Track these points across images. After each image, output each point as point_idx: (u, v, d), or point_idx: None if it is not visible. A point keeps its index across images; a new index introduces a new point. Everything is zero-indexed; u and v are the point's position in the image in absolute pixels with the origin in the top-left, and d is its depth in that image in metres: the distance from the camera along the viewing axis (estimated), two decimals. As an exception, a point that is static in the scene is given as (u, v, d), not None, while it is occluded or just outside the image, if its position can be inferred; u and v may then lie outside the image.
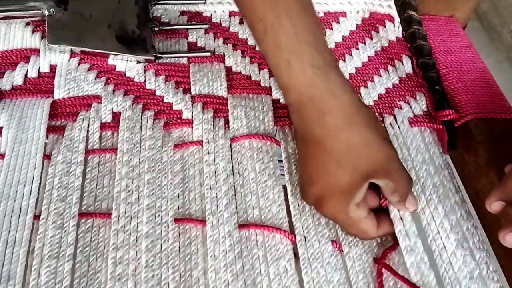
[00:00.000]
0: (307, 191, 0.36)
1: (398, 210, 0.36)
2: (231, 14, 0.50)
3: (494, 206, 0.33)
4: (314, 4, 0.36)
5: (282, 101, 0.44)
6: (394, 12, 0.51)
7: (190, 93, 0.43)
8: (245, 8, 0.36)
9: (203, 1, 0.49)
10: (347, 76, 0.46)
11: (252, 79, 0.45)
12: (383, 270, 0.35)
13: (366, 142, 0.34)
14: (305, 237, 0.36)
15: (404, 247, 0.34)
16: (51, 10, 0.43)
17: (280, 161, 0.40)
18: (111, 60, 0.44)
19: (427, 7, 0.51)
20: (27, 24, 0.45)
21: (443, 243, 0.35)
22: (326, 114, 0.34)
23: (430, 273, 0.33)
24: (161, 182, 0.37)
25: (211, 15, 0.49)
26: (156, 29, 0.46)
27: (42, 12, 0.43)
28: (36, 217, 0.34)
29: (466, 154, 0.41)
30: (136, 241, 0.34)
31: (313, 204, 0.36)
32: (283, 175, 0.39)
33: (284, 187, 0.39)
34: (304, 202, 0.37)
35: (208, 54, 0.46)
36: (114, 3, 0.44)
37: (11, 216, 0.34)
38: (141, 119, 0.41)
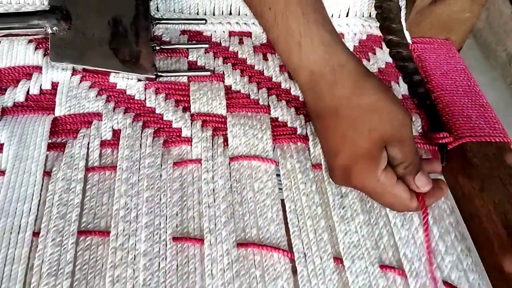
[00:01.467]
0: (333, 166, 0.38)
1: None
2: (231, 34, 0.51)
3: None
4: None
5: (280, 119, 0.45)
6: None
7: (190, 111, 0.44)
8: None
9: (204, 21, 0.49)
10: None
11: (251, 97, 0.46)
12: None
13: (377, 107, 0.36)
14: (305, 253, 0.36)
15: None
16: (54, 28, 0.44)
17: (278, 175, 0.41)
18: (112, 78, 0.45)
19: (423, 30, 0.52)
20: (30, 41, 0.46)
21: (438, 265, 0.36)
22: (337, 84, 0.36)
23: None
24: (160, 200, 0.38)
25: (211, 34, 0.50)
26: (157, 48, 0.47)
27: (45, 30, 0.44)
28: (36, 234, 0.35)
29: (460, 176, 0.41)
30: (134, 259, 0.34)
31: (343, 178, 0.37)
32: (281, 189, 0.40)
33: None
34: (302, 215, 0.38)
35: (208, 73, 0.46)
36: (116, 22, 0.45)
37: (11, 233, 0.34)
38: (141, 137, 0.41)
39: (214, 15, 0.51)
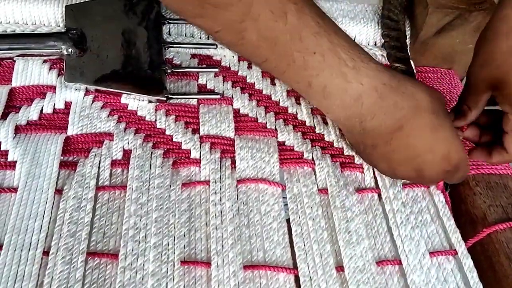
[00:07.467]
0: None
1: None
2: (240, 59, 0.52)
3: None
4: None
5: (287, 143, 0.46)
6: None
7: (199, 133, 0.45)
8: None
9: (214, 46, 0.51)
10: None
11: (259, 121, 0.47)
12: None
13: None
14: (310, 277, 0.36)
15: None
16: (70, 50, 0.45)
17: (285, 198, 0.42)
18: (124, 99, 0.46)
19: (427, 60, 0.54)
20: (45, 61, 0.47)
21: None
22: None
23: None
24: (168, 220, 0.38)
25: (221, 59, 0.52)
26: (169, 71, 0.48)
27: (60, 51, 0.45)
28: (45, 252, 0.35)
29: (462, 204, 0.42)
30: (142, 279, 0.35)
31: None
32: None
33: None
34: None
35: (217, 96, 0.48)
36: (130, 45, 0.46)
37: (21, 250, 0.35)
38: (151, 157, 0.42)
39: (224, 40, 0.52)
